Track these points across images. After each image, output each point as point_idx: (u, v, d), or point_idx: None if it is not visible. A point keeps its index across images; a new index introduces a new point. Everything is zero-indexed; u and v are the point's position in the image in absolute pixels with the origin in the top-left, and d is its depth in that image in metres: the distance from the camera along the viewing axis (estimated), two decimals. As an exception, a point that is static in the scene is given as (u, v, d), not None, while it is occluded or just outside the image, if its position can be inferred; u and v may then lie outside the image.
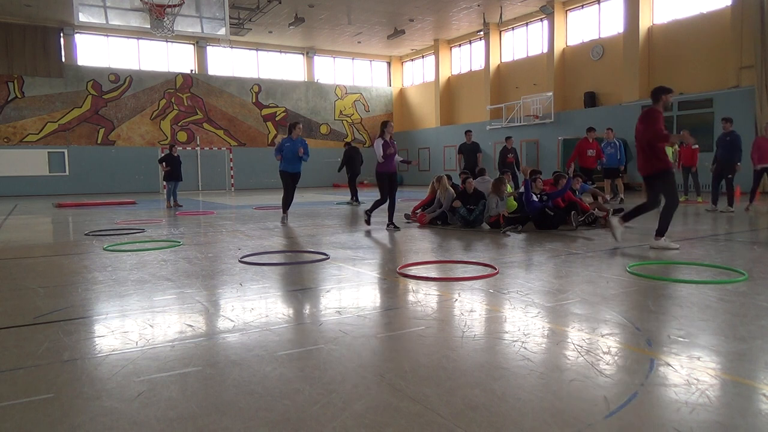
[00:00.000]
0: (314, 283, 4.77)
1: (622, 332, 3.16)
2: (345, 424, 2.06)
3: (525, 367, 2.62)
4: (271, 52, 29.39)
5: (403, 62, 32.89)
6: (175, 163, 14.88)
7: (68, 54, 24.71)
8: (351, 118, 31.60)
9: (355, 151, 15.13)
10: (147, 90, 26.23)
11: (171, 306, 3.94)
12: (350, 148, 15.24)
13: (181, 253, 6.38)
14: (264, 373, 2.60)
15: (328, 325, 3.42)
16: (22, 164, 23.54)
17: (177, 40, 26.22)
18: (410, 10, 23.45)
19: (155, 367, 2.70)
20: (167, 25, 14.93)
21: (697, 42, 18.30)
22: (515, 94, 24.95)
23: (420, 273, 5.02)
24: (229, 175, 25.56)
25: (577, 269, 5.06)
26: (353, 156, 14.97)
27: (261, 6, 22.14)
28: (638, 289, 4.22)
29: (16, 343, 3.12)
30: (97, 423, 2.12)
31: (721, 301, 3.80)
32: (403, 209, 11.24)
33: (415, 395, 2.31)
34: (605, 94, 21.42)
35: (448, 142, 28.65)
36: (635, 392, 2.30)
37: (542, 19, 23.68)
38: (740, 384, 2.41)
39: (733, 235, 7.51)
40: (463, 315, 3.60)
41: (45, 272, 5.41)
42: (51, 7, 21.73)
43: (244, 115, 28.50)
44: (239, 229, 9.05)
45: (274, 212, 12.49)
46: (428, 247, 6.82)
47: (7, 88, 23.55)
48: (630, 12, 19.68)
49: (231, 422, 2.10)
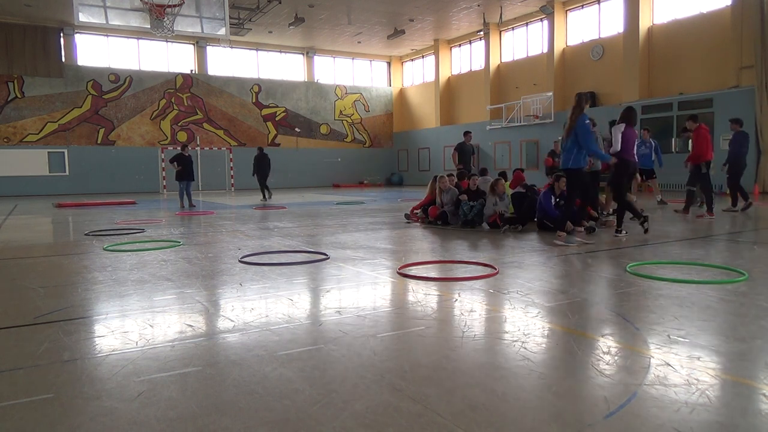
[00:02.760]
0: (314, 283, 4.77)
1: (622, 332, 3.16)
2: (345, 424, 2.06)
3: (525, 367, 2.62)
4: (271, 52, 29.40)
5: (403, 62, 32.89)
6: (187, 163, 14.84)
7: (68, 54, 24.72)
8: (351, 118, 31.60)
9: (264, 157, 17.16)
10: (147, 90, 26.24)
11: (171, 306, 3.94)
12: (261, 153, 17.20)
13: (181, 253, 6.38)
14: (264, 373, 2.60)
15: (328, 325, 3.42)
16: (22, 164, 23.55)
17: (177, 40, 26.22)
18: (410, 10, 23.46)
19: (155, 367, 2.70)
20: (167, 25, 14.93)
21: (697, 42, 18.30)
22: (515, 94, 24.96)
23: (420, 273, 5.02)
24: (229, 175, 25.56)
25: (577, 269, 5.06)
26: (261, 161, 16.96)
27: (261, 6, 22.14)
28: (638, 289, 4.22)
29: (16, 343, 3.12)
30: (97, 423, 2.12)
31: (721, 301, 3.80)
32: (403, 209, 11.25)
33: (415, 395, 2.31)
34: (605, 94, 21.42)
35: (448, 142, 28.64)
36: (635, 392, 2.30)
37: (542, 19, 23.68)
38: (740, 384, 2.41)
39: (734, 235, 7.51)
40: (463, 315, 3.60)
41: (45, 272, 5.41)
42: (51, 7, 21.73)
43: (244, 115, 28.50)
44: (239, 229, 9.05)
45: (274, 212, 12.50)
46: (428, 247, 6.82)
47: (7, 88, 23.56)
48: (630, 12, 19.68)
49: (231, 422, 2.10)
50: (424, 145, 30.53)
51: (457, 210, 8.77)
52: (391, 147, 33.00)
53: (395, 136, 32.94)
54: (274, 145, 29.14)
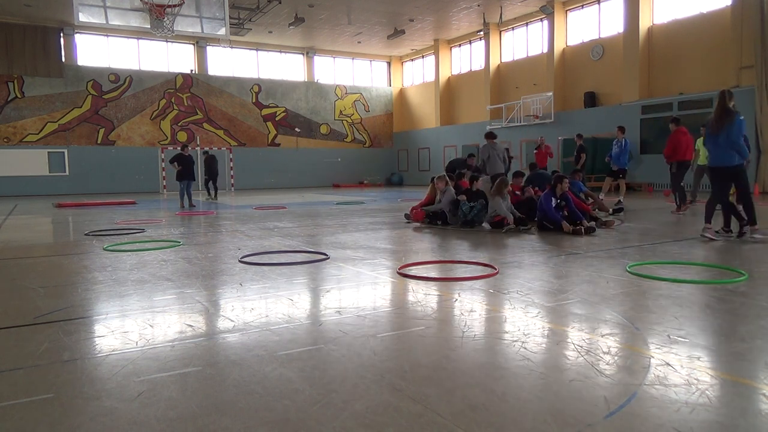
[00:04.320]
0: (314, 283, 4.77)
1: (622, 332, 3.16)
2: (345, 424, 2.06)
3: (525, 367, 2.62)
4: (271, 52, 29.40)
5: (403, 62, 32.89)
6: (187, 163, 14.83)
7: (68, 54, 24.72)
8: (351, 118, 31.60)
9: (213, 159, 18.33)
10: (147, 90, 26.24)
11: (171, 306, 3.94)
12: (209, 156, 18.40)
13: (181, 253, 6.38)
14: (264, 373, 2.60)
15: (328, 325, 3.42)
16: (22, 164, 23.55)
17: (177, 40, 26.23)
18: (410, 10, 23.46)
19: (155, 367, 2.70)
20: (167, 25, 14.93)
21: (697, 42, 18.30)
22: (515, 94, 24.96)
23: (420, 273, 5.02)
24: (229, 175, 25.57)
25: (577, 269, 5.06)
26: (211, 163, 18.18)
27: (261, 6, 22.14)
28: (638, 289, 4.22)
29: (16, 343, 3.12)
30: (97, 423, 2.12)
31: (721, 301, 3.80)
32: (403, 209, 11.24)
33: (415, 395, 2.31)
34: (605, 94, 21.42)
35: (448, 142, 28.67)
36: (635, 392, 2.30)
37: (542, 19, 23.69)
38: (740, 384, 2.41)
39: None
40: (463, 315, 3.60)
41: (45, 272, 5.41)
42: (51, 7, 21.73)
43: (244, 115, 28.51)
44: (239, 229, 9.05)
45: (274, 212, 12.50)
46: (428, 247, 6.82)
47: (7, 88, 23.56)
48: (630, 12, 19.69)
49: (231, 422, 2.10)
50: (424, 145, 30.53)
51: (456, 210, 8.77)
52: (391, 147, 33.01)
53: (395, 136, 32.95)
54: (274, 145, 29.16)
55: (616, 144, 12.69)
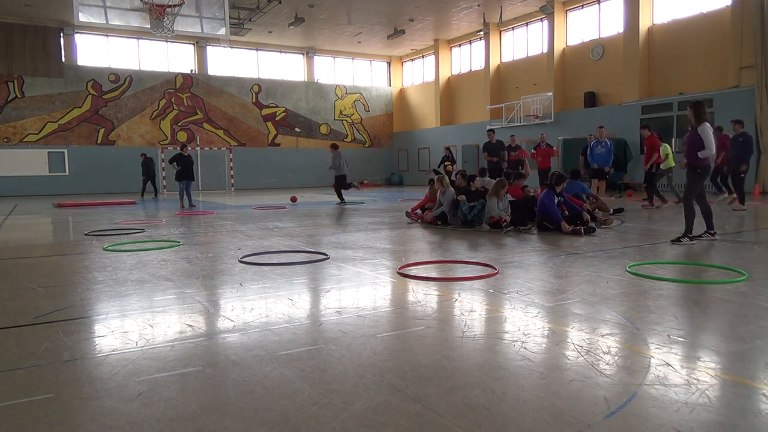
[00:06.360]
0: (314, 283, 4.77)
1: (622, 332, 3.16)
2: (345, 424, 2.06)
3: (525, 367, 2.62)
4: (271, 52, 29.39)
5: (403, 62, 32.88)
6: (186, 163, 14.81)
7: (68, 54, 24.71)
8: (351, 118, 31.60)
9: (151, 161, 19.82)
10: (147, 90, 26.23)
11: (171, 306, 3.94)
12: (146, 159, 19.79)
13: (181, 253, 6.38)
14: (264, 373, 2.60)
15: (328, 325, 3.42)
16: (22, 164, 23.54)
17: (177, 40, 26.21)
18: (410, 10, 23.45)
19: (155, 367, 2.70)
20: (167, 25, 14.92)
21: (697, 42, 18.30)
22: (515, 94, 24.95)
23: (420, 273, 5.02)
24: (229, 175, 25.56)
25: (577, 269, 5.06)
26: (149, 165, 19.70)
27: (261, 6, 22.13)
28: (638, 289, 4.22)
29: (16, 343, 3.12)
30: (97, 423, 2.12)
31: (721, 301, 3.80)
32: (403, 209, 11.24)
33: (415, 395, 2.31)
34: (605, 94, 21.42)
35: (448, 142, 28.65)
36: (635, 392, 2.30)
37: (542, 19, 23.68)
38: (740, 384, 2.41)
39: (733, 235, 7.50)
40: (463, 315, 3.60)
41: (45, 272, 5.41)
42: (51, 7, 21.73)
43: (244, 115, 28.50)
44: (239, 229, 9.05)
45: (274, 212, 12.50)
46: (428, 247, 6.82)
47: (7, 88, 23.55)
48: (630, 12, 19.68)
49: (231, 422, 2.10)
50: (424, 145, 30.52)
51: (456, 210, 8.77)
52: (391, 147, 32.99)
53: (395, 136, 32.93)
54: (274, 145, 29.15)
55: (601, 144, 12.68)
